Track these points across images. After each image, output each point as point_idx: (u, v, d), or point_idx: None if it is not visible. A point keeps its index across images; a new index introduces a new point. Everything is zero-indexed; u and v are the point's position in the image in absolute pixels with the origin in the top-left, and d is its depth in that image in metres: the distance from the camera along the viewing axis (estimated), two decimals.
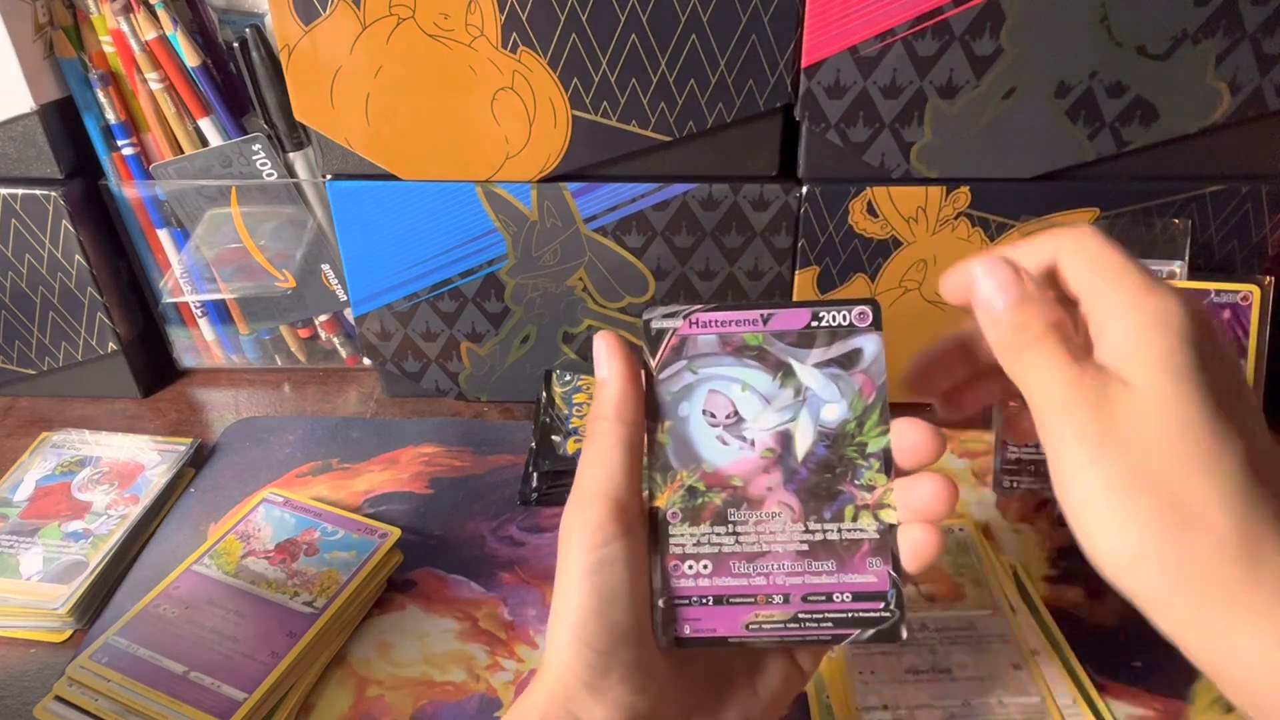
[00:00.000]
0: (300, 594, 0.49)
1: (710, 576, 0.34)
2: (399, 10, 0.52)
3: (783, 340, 0.34)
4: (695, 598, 0.34)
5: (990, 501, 0.57)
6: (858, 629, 0.33)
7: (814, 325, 0.34)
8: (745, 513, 0.34)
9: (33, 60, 0.58)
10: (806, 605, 0.33)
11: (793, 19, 0.52)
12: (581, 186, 0.58)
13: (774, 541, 0.34)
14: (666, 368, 0.35)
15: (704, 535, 0.34)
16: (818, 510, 0.34)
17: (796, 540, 0.34)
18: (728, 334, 0.34)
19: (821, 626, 0.33)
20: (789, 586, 0.34)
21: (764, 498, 0.34)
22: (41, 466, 0.59)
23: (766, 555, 0.34)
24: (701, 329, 0.34)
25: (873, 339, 0.34)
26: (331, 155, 0.58)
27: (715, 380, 0.34)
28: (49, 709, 0.44)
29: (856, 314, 0.34)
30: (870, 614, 0.33)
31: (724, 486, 0.34)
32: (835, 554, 0.33)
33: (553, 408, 0.61)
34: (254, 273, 0.66)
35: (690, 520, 0.34)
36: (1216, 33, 0.52)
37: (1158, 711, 0.45)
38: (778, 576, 0.34)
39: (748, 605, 0.34)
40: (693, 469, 0.34)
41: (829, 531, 0.34)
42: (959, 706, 0.44)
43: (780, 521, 0.34)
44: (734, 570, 0.34)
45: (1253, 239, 0.60)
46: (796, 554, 0.34)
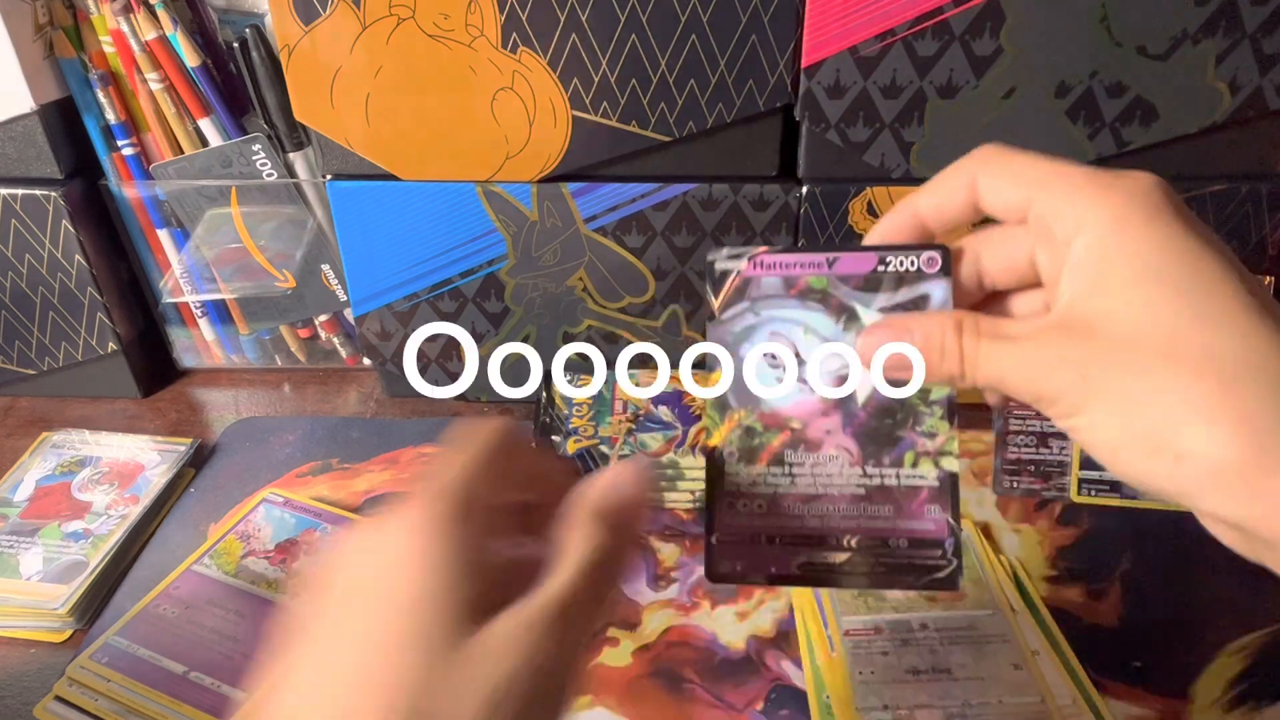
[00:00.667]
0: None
1: (764, 516, 0.33)
2: (399, 10, 0.52)
3: (848, 284, 0.33)
4: (748, 536, 0.33)
5: (990, 501, 0.57)
6: (913, 575, 0.33)
7: (881, 269, 0.33)
8: (803, 454, 0.33)
9: (33, 60, 0.58)
10: (861, 549, 0.33)
11: (793, 19, 0.52)
12: (581, 186, 0.58)
13: (831, 484, 0.33)
14: (729, 308, 0.34)
15: (760, 475, 0.34)
16: (877, 455, 0.33)
17: (854, 484, 0.33)
18: (792, 276, 0.34)
19: (875, 572, 0.33)
20: (844, 529, 0.33)
21: (822, 440, 0.33)
22: (41, 466, 0.59)
23: (822, 498, 0.33)
24: (766, 270, 0.34)
25: (941, 285, 0.32)
26: (331, 155, 0.58)
27: (777, 323, 0.34)
28: (49, 709, 0.44)
29: (925, 259, 0.33)
30: (927, 561, 0.33)
31: (782, 428, 0.34)
32: (893, 499, 0.33)
33: (553, 408, 0.61)
34: (254, 273, 0.66)
35: (746, 460, 0.34)
36: (1216, 33, 0.52)
37: (1158, 711, 0.45)
38: (833, 519, 0.33)
39: (801, 545, 0.33)
40: (751, 409, 0.34)
41: (887, 477, 0.33)
42: (959, 706, 0.44)
43: (838, 464, 0.33)
44: (789, 511, 0.33)
45: (1253, 239, 0.60)
46: (853, 498, 0.33)
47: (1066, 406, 0.28)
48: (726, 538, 0.34)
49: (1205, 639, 0.49)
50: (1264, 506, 0.25)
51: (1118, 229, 0.28)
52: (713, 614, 0.51)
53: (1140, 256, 0.27)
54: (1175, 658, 0.48)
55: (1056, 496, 0.57)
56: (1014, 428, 0.57)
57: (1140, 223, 0.27)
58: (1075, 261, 0.28)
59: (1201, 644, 0.49)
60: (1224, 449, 0.25)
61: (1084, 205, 0.28)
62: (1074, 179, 0.29)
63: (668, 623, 0.50)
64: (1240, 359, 0.26)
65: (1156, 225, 0.27)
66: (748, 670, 0.48)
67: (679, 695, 0.46)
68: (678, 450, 0.57)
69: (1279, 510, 0.25)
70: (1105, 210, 0.28)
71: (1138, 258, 0.27)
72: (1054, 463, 0.57)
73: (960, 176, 0.31)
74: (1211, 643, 0.49)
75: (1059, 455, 0.57)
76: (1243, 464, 0.25)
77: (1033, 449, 0.57)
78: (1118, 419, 0.27)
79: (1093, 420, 0.27)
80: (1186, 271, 0.27)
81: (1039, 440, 0.57)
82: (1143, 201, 0.28)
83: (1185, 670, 0.47)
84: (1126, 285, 0.27)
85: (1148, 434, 0.26)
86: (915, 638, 0.48)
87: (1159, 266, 0.27)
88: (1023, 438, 0.57)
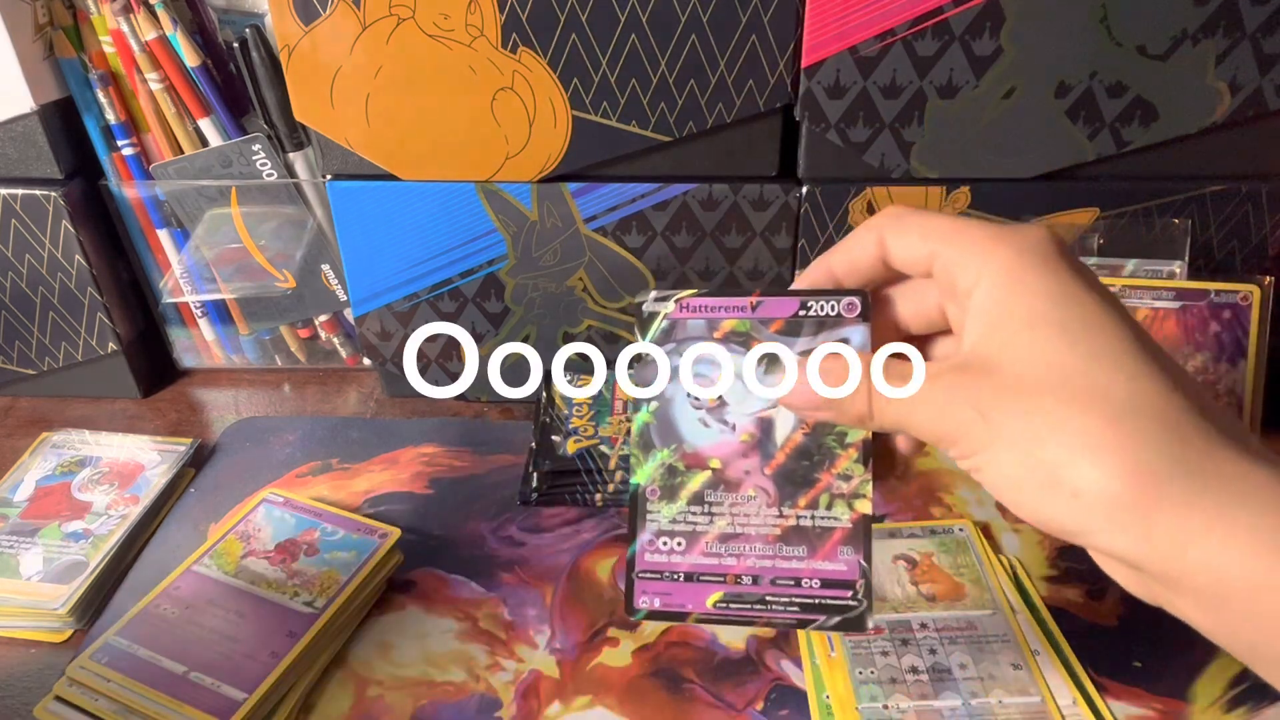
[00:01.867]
0: (300, 594, 0.49)
1: (683, 553, 0.35)
2: (399, 10, 0.52)
3: (769, 327, 0.35)
4: (667, 573, 0.35)
5: (990, 501, 0.57)
6: (823, 615, 0.34)
7: (802, 314, 0.34)
8: (722, 494, 0.35)
9: (33, 60, 0.58)
10: (775, 588, 0.34)
11: (793, 19, 0.52)
12: (581, 186, 0.58)
13: (748, 524, 0.34)
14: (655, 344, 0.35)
15: (680, 513, 0.35)
16: (793, 496, 0.34)
17: (770, 524, 0.34)
18: (716, 319, 0.35)
19: (788, 610, 0.34)
20: (759, 569, 0.34)
21: (741, 480, 0.35)
22: (41, 466, 0.59)
23: (739, 537, 0.34)
24: (691, 314, 0.35)
25: (859, 330, 0.34)
26: (331, 155, 0.58)
27: (701, 364, 0.35)
28: (49, 709, 0.44)
29: (845, 304, 0.34)
30: (837, 601, 0.34)
31: (703, 467, 0.35)
32: (807, 540, 0.34)
33: (553, 408, 0.61)
34: (254, 273, 0.66)
35: (668, 498, 0.35)
36: (1216, 33, 0.52)
37: (1158, 711, 0.45)
38: (749, 558, 0.34)
39: (717, 584, 0.34)
40: (674, 448, 0.35)
41: (802, 518, 0.34)
42: (959, 706, 0.44)
43: (755, 505, 0.34)
44: (706, 549, 0.35)
45: (1253, 239, 0.60)
46: (769, 538, 0.34)
47: (967, 446, 0.29)
48: (646, 574, 0.35)
49: (1205, 639, 0.49)
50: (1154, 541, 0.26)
51: (1013, 278, 0.29)
52: None
53: (1034, 303, 0.29)
54: (1175, 658, 0.48)
55: None
56: None
57: (1033, 272, 0.29)
58: (975, 310, 0.30)
59: (1201, 644, 0.48)
60: (1114, 483, 0.26)
61: (981, 257, 0.30)
62: (971, 233, 0.30)
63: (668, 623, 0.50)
64: (1128, 398, 0.27)
65: (1048, 274, 0.29)
66: (748, 670, 0.48)
67: (679, 695, 0.46)
68: None
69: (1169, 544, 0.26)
70: (1000, 261, 0.29)
71: (1031, 304, 0.29)
72: None
73: (869, 234, 0.33)
74: (1211, 643, 0.48)
75: None
76: (1133, 498, 0.26)
77: None
78: (1016, 457, 0.28)
79: (994, 458, 0.29)
80: (1077, 316, 0.28)
81: None
82: (1034, 252, 0.29)
83: (1185, 670, 0.47)
84: (1021, 330, 0.29)
85: (1044, 470, 0.27)
86: (915, 638, 0.48)
87: (1051, 312, 0.28)
88: None
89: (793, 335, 0.34)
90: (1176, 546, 0.26)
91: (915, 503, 0.57)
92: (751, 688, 0.47)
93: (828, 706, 0.45)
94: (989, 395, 0.28)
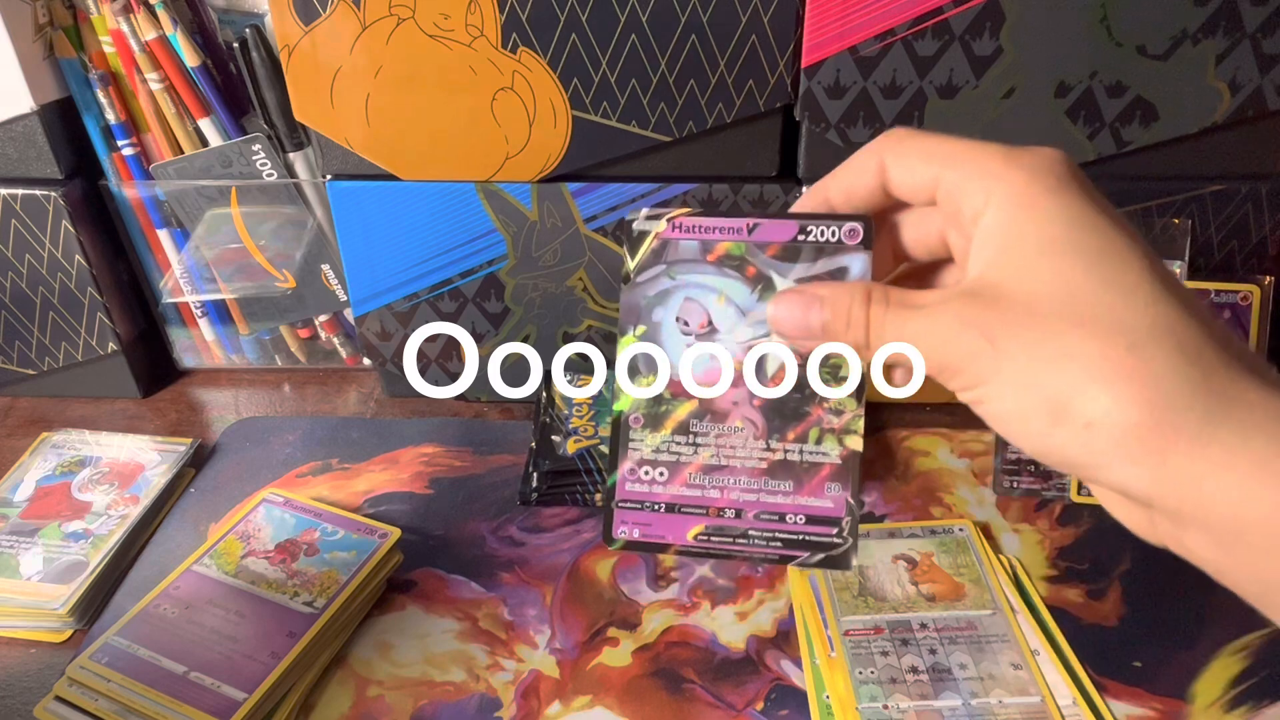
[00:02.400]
0: (300, 594, 0.49)
1: (665, 484, 0.34)
2: (399, 10, 0.52)
3: (766, 252, 0.33)
4: (647, 503, 0.34)
5: (990, 501, 0.57)
6: (806, 551, 0.33)
7: (801, 239, 0.33)
8: (708, 424, 0.33)
9: (33, 60, 0.57)
10: (758, 523, 0.33)
11: (793, 19, 0.52)
12: (581, 186, 0.58)
13: (734, 456, 0.33)
14: (644, 270, 0.34)
15: (664, 442, 0.34)
16: (781, 429, 0.33)
17: (756, 457, 0.33)
18: (710, 241, 0.33)
19: (770, 545, 0.33)
20: (743, 502, 0.33)
21: (729, 411, 0.33)
22: (41, 466, 0.59)
23: (724, 469, 0.33)
24: (684, 234, 0.33)
25: (860, 258, 0.32)
26: (331, 155, 0.58)
27: (692, 288, 0.33)
28: (49, 709, 0.44)
29: (847, 230, 0.32)
30: (822, 539, 0.33)
31: (690, 396, 0.33)
32: (794, 475, 0.33)
33: (553, 408, 0.61)
34: (254, 273, 0.66)
35: (651, 426, 0.34)
36: (1216, 33, 0.52)
37: (1158, 711, 0.45)
38: (733, 491, 0.33)
39: (698, 516, 0.33)
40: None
41: (790, 451, 0.33)
42: (959, 706, 0.44)
43: (742, 437, 0.33)
44: (689, 480, 0.33)
45: (1253, 239, 0.60)
46: (755, 470, 0.33)
47: (971, 377, 0.28)
48: (626, 504, 0.34)
49: (1205, 639, 0.49)
50: (1169, 474, 0.25)
51: (1024, 202, 0.28)
52: (713, 614, 0.51)
53: (1047, 228, 0.27)
54: (1175, 658, 0.48)
55: (1056, 496, 0.57)
56: None
57: (1046, 196, 0.27)
58: (983, 235, 0.28)
59: (1201, 644, 0.49)
60: (1130, 412, 0.25)
61: (990, 180, 0.28)
62: (979, 155, 0.29)
63: (668, 623, 0.50)
64: (1146, 326, 0.26)
65: (1062, 198, 0.27)
66: (748, 670, 0.48)
67: (679, 695, 0.46)
68: None
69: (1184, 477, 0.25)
70: (1011, 185, 0.28)
71: (1044, 229, 0.27)
72: None
73: (868, 158, 0.31)
74: (1211, 643, 0.49)
75: None
76: (1150, 428, 0.25)
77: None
78: (1025, 387, 0.27)
79: (999, 390, 0.27)
80: (1093, 242, 0.27)
81: None
82: (1047, 175, 0.28)
83: (1185, 670, 0.47)
84: (1034, 255, 0.27)
85: (1054, 401, 0.26)
86: (915, 638, 0.48)
87: (1065, 237, 0.27)
88: None
89: (790, 261, 0.33)
90: (1192, 479, 0.25)
91: (915, 503, 0.57)
92: (751, 688, 0.47)
93: (828, 706, 0.45)
94: (997, 322, 0.27)
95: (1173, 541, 0.27)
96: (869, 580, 0.51)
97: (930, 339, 0.29)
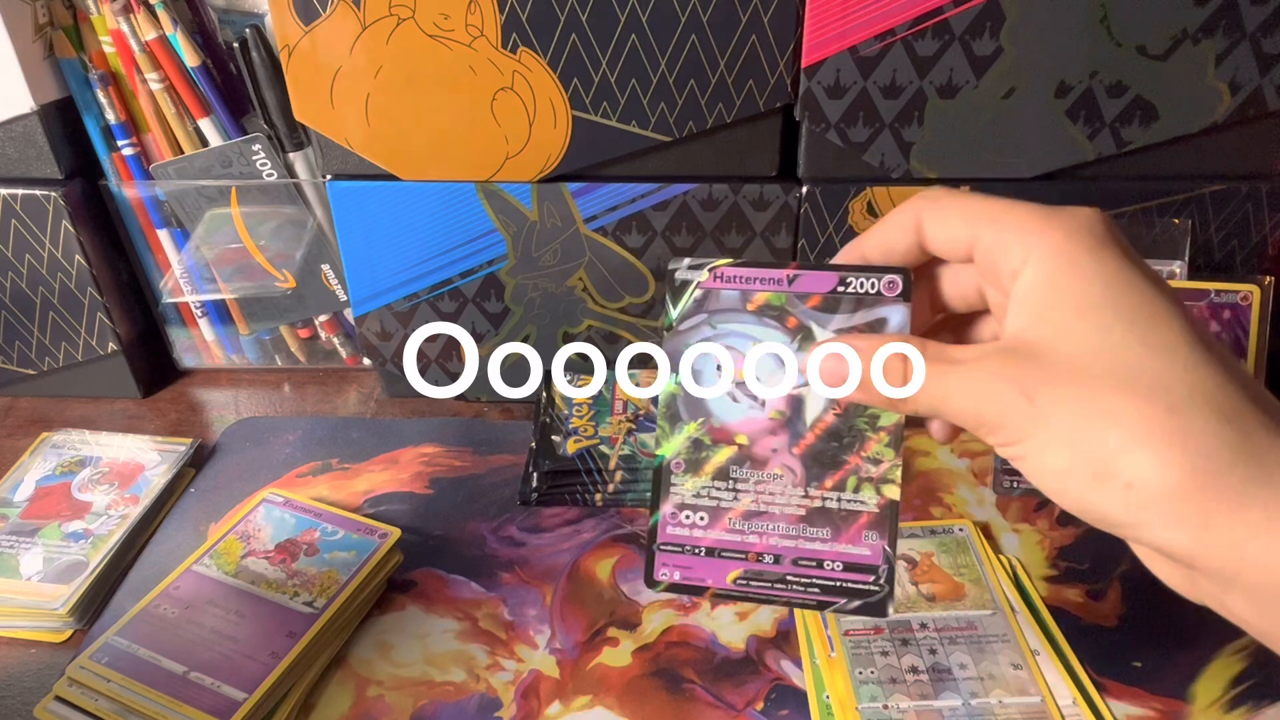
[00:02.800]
0: (300, 594, 0.49)
1: (705, 528, 0.34)
2: (399, 10, 0.52)
3: (806, 302, 0.34)
4: (688, 546, 0.34)
5: (990, 501, 0.57)
6: (844, 598, 0.33)
7: (840, 290, 0.33)
8: (748, 471, 0.34)
9: (33, 60, 0.57)
10: (796, 569, 0.34)
11: (793, 19, 0.52)
12: (581, 186, 0.58)
13: (773, 503, 0.34)
14: (686, 319, 0.34)
15: (704, 488, 0.34)
16: (820, 477, 0.34)
17: (795, 504, 0.34)
18: (750, 291, 0.34)
19: (808, 591, 0.34)
20: (781, 548, 0.34)
21: (768, 459, 0.34)
22: (41, 466, 0.59)
23: (764, 515, 0.34)
24: (725, 284, 0.34)
25: (899, 310, 0.33)
26: (331, 155, 0.58)
27: (732, 337, 0.34)
28: (49, 709, 0.44)
29: (886, 283, 0.33)
30: (859, 585, 0.33)
31: (730, 442, 0.34)
32: (832, 522, 0.34)
33: (553, 408, 0.61)
34: (254, 273, 0.66)
35: (692, 471, 0.34)
36: (1216, 33, 0.52)
37: (1158, 711, 0.45)
38: (771, 537, 0.34)
39: (738, 561, 0.34)
40: (701, 422, 0.34)
41: (829, 500, 0.34)
42: (959, 706, 0.44)
43: (781, 484, 0.34)
44: (729, 525, 0.34)
45: (1253, 239, 0.60)
46: (794, 518, 0.34)
47: (1011, 433, 0.28)
48: (668, 546, 0.34)
49: (1205, 639, 0.49)
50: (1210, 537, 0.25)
51: (1063, 262, 0.28)
52: (713, 614, 0.51)
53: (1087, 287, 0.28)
54: (1175, 658, 0.48)
55: None
56: None
57: (1085, 255, 0.28)
58: (1022, 293, 0.29)
59: (1201, 644, 0.49)
60: (1171, 474, 0.25)
61: (1029, 238, 0.29)
62: (1017, 215, 0.29)
63: (668, 622, 0.50)
64: (1186, 388, 0.26)
65: (1101, 258, 0.28)
66: (748, 670, 0.48)
67: (679, 695, 0.46)
68: None
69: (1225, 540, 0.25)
70: (1050, 243, 0.28)
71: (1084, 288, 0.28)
72: None
73: (905, 216, 0.32)
74: (1211, 643, 0.49)
75: None
76: (1191, 490, 0.25)
77: None
78: (1065, 446, 0.27)
79: (1039, 447, 0.28)
80: (1133, 303, 0.27)
81: None
82: (1086, 235, 0.28)
83: (1185, 670, 0.47)
84: (1074, 314, 0.28)
85: (1095, 461, 0.26)
86: (915, 638, 0.48)
87: (1105, 297, 0.27)
88: None
89: (829, 312, 0.33)
90: (1234, 542, 0.25)
91: (915, 503, 0.57)
92: (751, 688, 0.47)
93: (828, 706, 0.45)
94: (1037, 380, 0.27)
95: (1214, 602, 0.28)
96: None
97: (967, 395, 0.29)
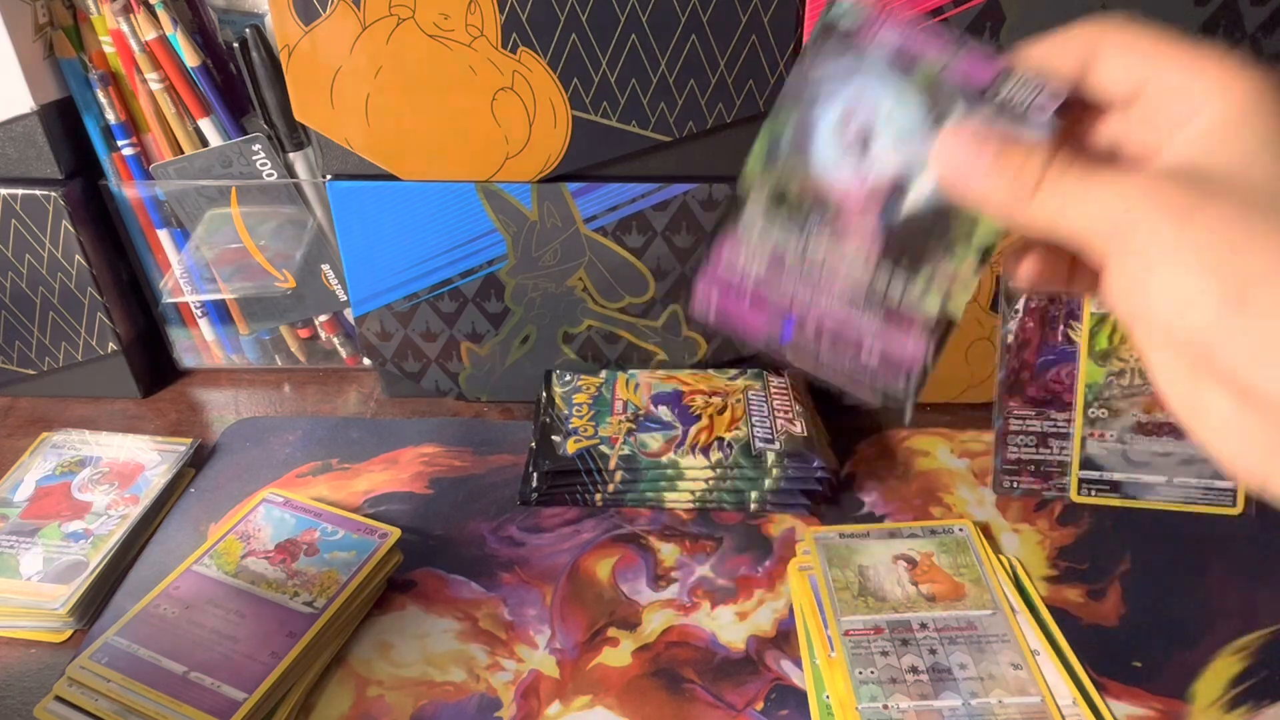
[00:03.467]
0: (300, 594, 0.49)
1: (759, 277, 0.32)
2: (399, 10, 0.52)
3: (957, 81, 0.30)
4: (737, 289, 0.32)
5: (990, 501, 0.57)
6: (869, 391, 0.32)
7: (997, 83, 0.30)
8: (825, 237, 0.31)
9: (33, 60, 0.58)
10: (831, 345, 0.32)
11: (793, 19, 0.52)
12: (581, 186, 0.58)
13: (835, 273, 0.31)
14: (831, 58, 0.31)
15: (775, 234, 0.32)
16: (893, 265, 0.31)
17: (858, 283, 0.31)
18: (908, 49, 0.30)
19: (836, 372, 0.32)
20: (824, 323, 0.32)
21: (849, 229, 0.31)
22: (41, 466, 0.59)
23: (822, 284, 0.32)
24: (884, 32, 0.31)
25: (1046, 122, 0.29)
26: (331, 155, 0.58)
27: (868, 90, 0.31)
28: (49, 709, 0.44)
29: (1049, 92, 0.29)
30: (887, 385, 0.31)
31: (817, 200, 0.31)
32: (886, 314, 0.31)
33: (553, 408, 0.61)
34: (254, 273, 0.66)
35: (768, 214, 0.32)
36: (1216, 33, 0.52)
37: (1158, 711, 0.45)
38: (820, 306, 0.32)
39: (780, 319, 0.32)
40: (796, 168, 0.32)
41: (892, 289, 0.31)
42: (959, 706, 0.44)
43: (852, 261, 0.31)
44: (783, 281, 0.32)
45: None
46: (849, 295, 0.31)
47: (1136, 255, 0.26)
48: (716, 279, 0.32)
49: (1205, 639, 0.49)
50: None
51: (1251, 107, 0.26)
52: (713, 614, 0.51)
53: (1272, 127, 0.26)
54: (1175, 658, 0.48)
55: (1056, 496, 0.57)
56: (1014, 428, 0.57)
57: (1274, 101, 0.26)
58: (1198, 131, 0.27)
59: (1201, 644, 0.49)
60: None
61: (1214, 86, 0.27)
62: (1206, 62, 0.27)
63: (668, 623, 0.50)
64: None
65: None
66: (748, 670, 0.48)
67: (679, 695, 0.46)
68: (677, 450, 0.57)
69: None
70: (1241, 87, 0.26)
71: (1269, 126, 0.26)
72: (1054, 463, 0.57)
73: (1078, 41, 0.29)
74: (1211, 643, 0.49)
75: (1059, 455, 0.57)
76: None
77: (1033, 449, 0.57)
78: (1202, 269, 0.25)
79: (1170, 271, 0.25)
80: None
81: (1039, 440, 0.57)
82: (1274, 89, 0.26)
83: (1185, 670, 0.47)
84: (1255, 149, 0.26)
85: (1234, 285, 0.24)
86: (915, 638, 0.48)
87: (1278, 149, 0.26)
88: (1023, 438, 0.57)
89: (977, 101, 0.30)
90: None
91: (915, 503, 0.57)
92: (751, 688, 0.47)
93: (828, 706, 0.45)
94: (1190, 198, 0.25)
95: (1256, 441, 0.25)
96: (869, 580, 0.51)
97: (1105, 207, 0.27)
